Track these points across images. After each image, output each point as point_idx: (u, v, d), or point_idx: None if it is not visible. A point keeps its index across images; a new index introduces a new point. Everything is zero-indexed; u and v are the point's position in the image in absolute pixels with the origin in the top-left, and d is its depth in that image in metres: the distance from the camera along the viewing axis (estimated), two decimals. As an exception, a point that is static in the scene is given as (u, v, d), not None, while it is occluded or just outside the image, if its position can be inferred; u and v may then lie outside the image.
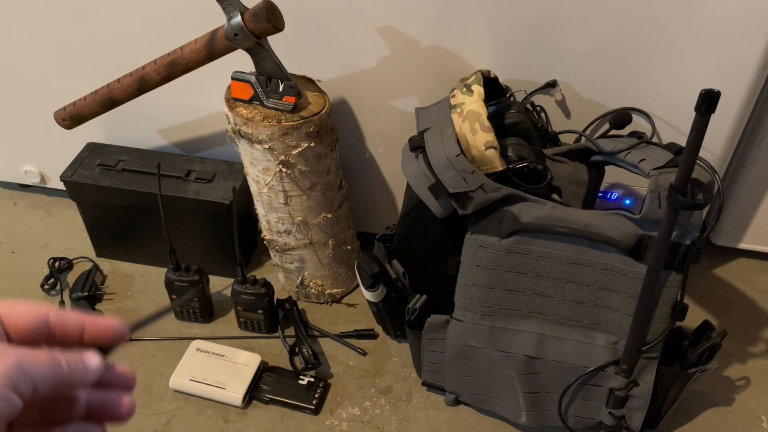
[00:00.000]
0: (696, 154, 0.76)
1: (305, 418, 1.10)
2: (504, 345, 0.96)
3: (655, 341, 0.92)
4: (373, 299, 1.09)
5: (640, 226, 0.87)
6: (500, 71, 1.05)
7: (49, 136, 1.37)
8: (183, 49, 1.00)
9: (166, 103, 1.25)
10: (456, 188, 0.86)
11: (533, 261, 0.91)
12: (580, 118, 1.09)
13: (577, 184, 1.01)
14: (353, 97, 1.16)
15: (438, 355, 1.04)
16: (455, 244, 0.94)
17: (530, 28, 1.01)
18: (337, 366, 1.18)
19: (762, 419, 1.10)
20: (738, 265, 1.37)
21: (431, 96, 1.11)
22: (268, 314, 1.19)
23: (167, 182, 1.21)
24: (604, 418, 1.00)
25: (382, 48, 1.08)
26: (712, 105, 0.71)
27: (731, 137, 1.07)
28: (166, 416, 1.10)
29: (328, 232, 1.18)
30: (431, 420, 1.10)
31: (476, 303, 0.95)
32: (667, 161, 0.86)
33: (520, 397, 1.00)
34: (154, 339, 1.22)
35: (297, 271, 1.24)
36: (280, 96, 1.00)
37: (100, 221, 1.32)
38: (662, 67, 1.01)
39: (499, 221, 0.89)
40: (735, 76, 0.99)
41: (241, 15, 0.93)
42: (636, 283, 0.89)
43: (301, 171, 1.07)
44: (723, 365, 1.17)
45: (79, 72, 1.24)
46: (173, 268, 1.19)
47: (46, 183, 1.49)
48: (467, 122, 0.91)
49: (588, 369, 0.95)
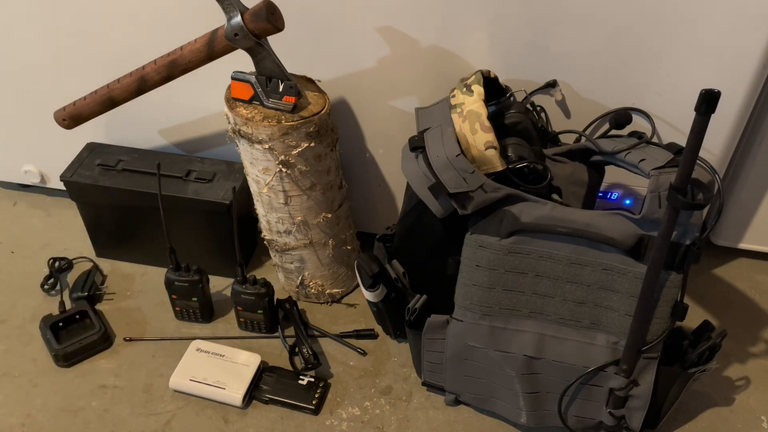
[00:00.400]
0: (696, 154, 0.76)
1: (305, 418, 1.10)
2: (504, 345, 0.96)
3: (655, 341, 0.92)
4: (373, 299, 1.09)
5: (640, 226, 0.87)
6: (500, 71, 1.05)
7: (49, 136, 1.37)
8: (183, 49, 1.00)
9: (166, 103, 1.26)
10: (456, 188, 0.86)
11: (533, 261, 0.91)
12: (580, 118, 1.09)
13: (577, 184, 1.01)
14: (353, 97, 1.16)
15: (438, 355, 1.04)
16: (455, 244, 0.94)
17: (530, 28, 1.01)
18: (337, 366, 1.18)
19: (762, 419, 1.10)
20: (738, 265, 1.37)
21: (431, 96, 1.11)
22: (268, 314, 1.19)
23: (167, 182, 1.22)
24: (604, 418, 1.00)
25: (382, 48, 1.08)
26: (712, 105, 0.71)
27: (731, 137, 1.07)
28: (166, 416, 1.10)
29: (328, 232, 1.18)
30: (431, 420, 1.10)
31: (476, 303, 0.95)
32: (667, 161, 0.86)
33: (520, 397, 1.00)
34: (154, 339, 1.22)
35: (297, 271, 1.24)
36: (280, 96, 1.00)
37: (100, 221, 1.32)
38: (662, 67, 1.01)
39: (499, 221, 0.89)
40: (735, 76, 0.99)
41: (241, 15, 0.93)
42: (636, 283, 0.89)
43: (301, 171, 1.07)
44: (723, 365, 1.17)
45: (79, 72, 1.24)
46: (173, 268, 1.19)
47: (46, 183, 1.49)
48: (467, 122, 0.91)
49: (588, 369, 0.95)
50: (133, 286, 1.33)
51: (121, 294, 1.31)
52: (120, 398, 1.12)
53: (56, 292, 1.30)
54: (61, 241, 1.42)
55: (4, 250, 1.40)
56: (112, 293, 1.31)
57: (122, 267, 1.36)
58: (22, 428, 1.08)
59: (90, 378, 1.15)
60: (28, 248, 1.40)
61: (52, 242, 1.42)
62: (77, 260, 1.36)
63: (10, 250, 1.40)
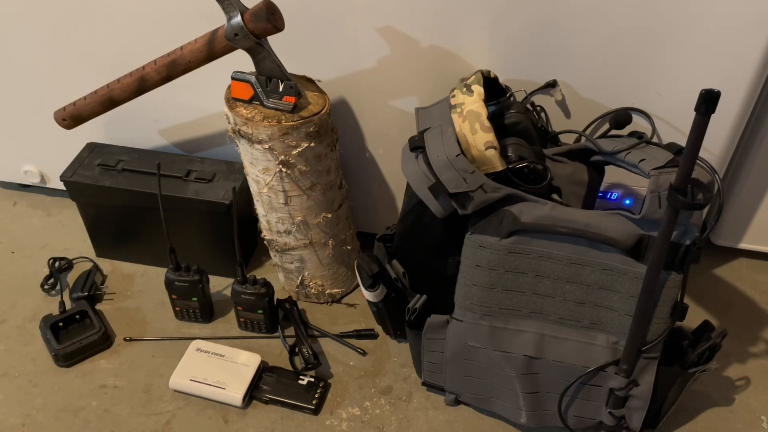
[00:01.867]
0: (696, 154, 0.76)
1: (305, 418, 1.10)
2: (504, 345, 0.96)
3: (655, 341, 0.92)
4: (373, 299, 1.09)
5: (640, 226, 0.87)
6: (500, 71, 1.05)
7: (49, 136, 1.37)
8: (183, 49, 1.00)
9: (166, 103, 1.26)
10: (456, 188, 0.86)
11: (533, 261, 0.91)
12: (580, 118, 1.09)
13: (577, 184, 1.01)
14: (353, 97, 1.16)
15: (438, 355, 1.04)
16: (455, 244, 0.94)
17: (530, 28, 1.01)
18: (337, 366, 1.18)
19: (762, 419, 1.10)
20: (738, 265, 1.37)
21: (431, 96, 1.11)
22: (268, 314, 1.19)
23: (167, 182, 1.22)
24: (604, 418, 1.00)
25: (382, 48, 1.08)
26: (712, 105, 0.71)
27: (731, 137, 1.07)
28: (166, 416, 1.10)
29: (328, 232, 1.18)
30: (431, 420, 1.10)
31: (476, 303, 0.95)
32: (667, 161, 0.86)
33: (520, 397, 1.00)
34: (154, 339, 1.22)
35: (297, 271, 1.24)
36: (280, 96, 1.00)
37: (100, 221, 1.32)
38: (662, 67, 1.01)
39: (499, 221, 0.89)
40: (735, 76, 0.99)
41: (241, 15, 0.93)
42: (636, 283, 0.89)
43: (301, 171, 1.07)
44: (723, 365, 1.17)
45: (79, 72, 1.24)
46: (173, 268, 1.19)
47: (46, 183, 1.49)
48: (467, 122, 0.91)
49: (588, 369, 0.95)
50: (133, 286, 1.33)
51: (121, 294, 1.31)
52: (120, 398, 1.12)
53: (56, 292, 1.30)
54: (61, 241, 1.42)
55: (4, 250, 1.40)
56: (112, 293, 1.31)
57: (122, 267, 1.36)
58: (22, 428, 1.08)
59: (90, 378, 1.15)
60: (28, 248, 1.40)
61: (52, 242, 1.42)
62: (77, 260, 1.36)
63: (10, 250, 1.40)
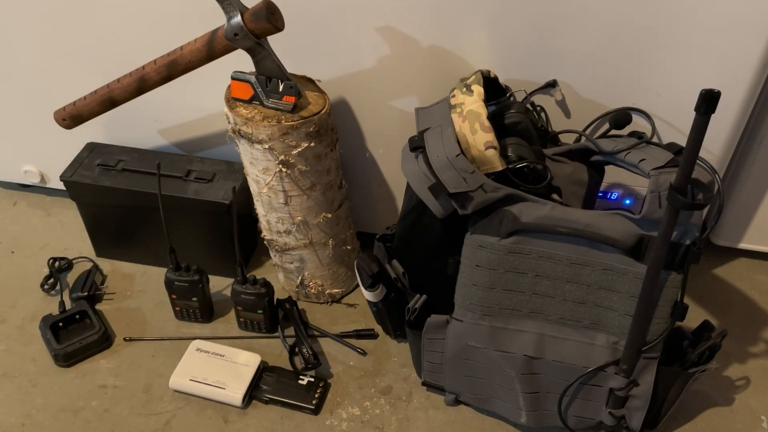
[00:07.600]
0: (696, 154, 0.76)
1: (305, 418, 1.10)
2: (504, 345, 0.96)
3: (655, 341, 0.92)
4: (373, 299, 1.09)
5: (640, 226, 0.87)
6: (500, 71, 1.05)
7: (49, 136, 1.37)
8: (183, 49, 1.00)
9: (166, 103, 1.26)
10: (456, 188, 0.86)
11: (533, 261, 0.91)
12: (580, 118, 1.09)
13: (577, 184, 1.01)
14: (353, 97, 1.16)
15: (438, 355, 1.04)
16: (455, 244, 0.94)
17: (530, 28, 1.01)
18: (337, 366, 1.18)
19: (762, 419, 1.10)
20: (738, 265, 1.37)
21: (431, 96, 1.11)
22: (268, 314, 1.19)
23: (167, 182, 1.22)
24: (604, 418, 1.00)
25: (382, 48, 1.08)
26: (712, 105, 0.71)
27: (731, 137, 1.07)
28: (166, 416, 1.10)
29: (328, 232, 1.18)
30: (431, 420, 1.10)
31: (476, 303, 0.95)
32: (667, 161, 0.86)
33: (520, 397, 1.00)
34: (154, 339, 1.22)
35: (297, 271, 1.24)
36: (280, 96, 1.00)
37: (100, 221, 1.32)
38: (662, 67, 1.01)
39: (499, 221, 0.89)
40: (735, 76, 0.99)
41: (241, 15, 0.93)
42: (636, 283, 0.89)
43: (301, 171, 1.07)
44: (723, 365, 1.17)
45: (79, 72, 1.24)
46: (173, 268, 1.19)
47: (46, 183, 1.49)
48: (467, 122, 0.91)
49: (588, 369, 0.95)
50: (133, 286, 1.33)
51: (121, 294, 1.31)
52: (120, 398, 1.12)
53: (56, 292, 1.30)
54: (61, 241, 1.42)
55: (4, 250, 1.40)
56: (112, 293, 1.31)
57: (122, 267, 1.36)
58: (22, 428, 1.08)
59: (90, 378, 1.15)
60: (28, 248, 1.40)
61: (52, 242, 1.42)
62: (77, 260, 1.36)
63: (10, 250, 1.40)
